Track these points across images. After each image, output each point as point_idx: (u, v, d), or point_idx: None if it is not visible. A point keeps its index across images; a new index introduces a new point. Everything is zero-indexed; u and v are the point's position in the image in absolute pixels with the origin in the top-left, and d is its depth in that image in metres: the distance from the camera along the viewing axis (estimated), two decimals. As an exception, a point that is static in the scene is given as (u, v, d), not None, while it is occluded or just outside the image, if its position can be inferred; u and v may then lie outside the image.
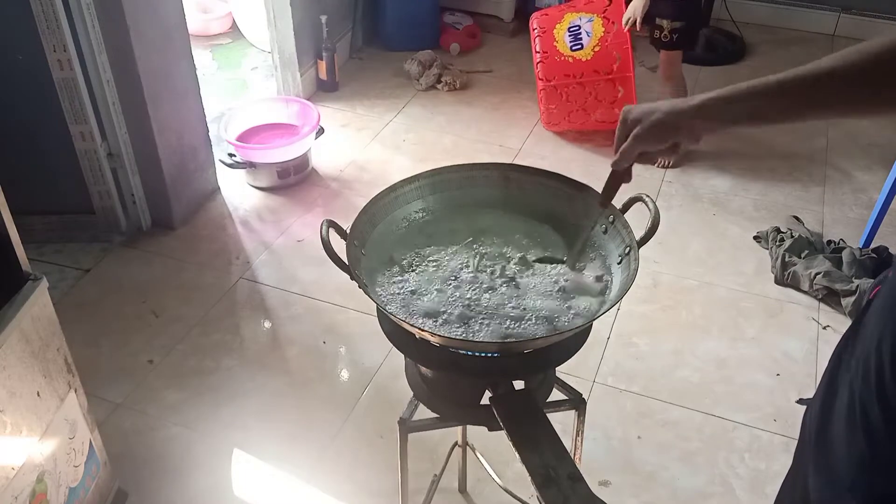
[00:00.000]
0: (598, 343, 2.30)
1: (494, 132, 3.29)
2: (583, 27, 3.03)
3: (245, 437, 2.03)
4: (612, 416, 2.10)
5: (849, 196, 2.96)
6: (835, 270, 2.46)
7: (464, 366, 1.19)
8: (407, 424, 1.32)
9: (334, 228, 1.21)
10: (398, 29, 3.81)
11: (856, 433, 0.82)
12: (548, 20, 3.11)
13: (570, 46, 3.03)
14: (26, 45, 2.20)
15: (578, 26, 3.03)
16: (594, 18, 3.03)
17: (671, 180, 3.00)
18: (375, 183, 2.85)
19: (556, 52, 3.04)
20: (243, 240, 2.70)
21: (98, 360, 2.22)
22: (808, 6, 4.04)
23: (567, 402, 1.36)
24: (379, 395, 2.15)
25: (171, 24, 2.48)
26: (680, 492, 1.92)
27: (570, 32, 3.04)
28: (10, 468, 1.38)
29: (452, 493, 1.92)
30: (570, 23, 3.05)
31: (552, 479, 1.05)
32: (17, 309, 1.36)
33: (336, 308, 2.42)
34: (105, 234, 2.64)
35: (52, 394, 1.49)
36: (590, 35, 3.02)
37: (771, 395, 2.17)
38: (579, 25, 3.03)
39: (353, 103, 3.46)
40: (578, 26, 3.03)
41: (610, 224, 1.27)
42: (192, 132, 2.70)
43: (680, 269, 2.59)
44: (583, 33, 3.02)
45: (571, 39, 3.03)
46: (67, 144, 2.42)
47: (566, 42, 3.03)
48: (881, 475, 0.80)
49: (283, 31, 3.21)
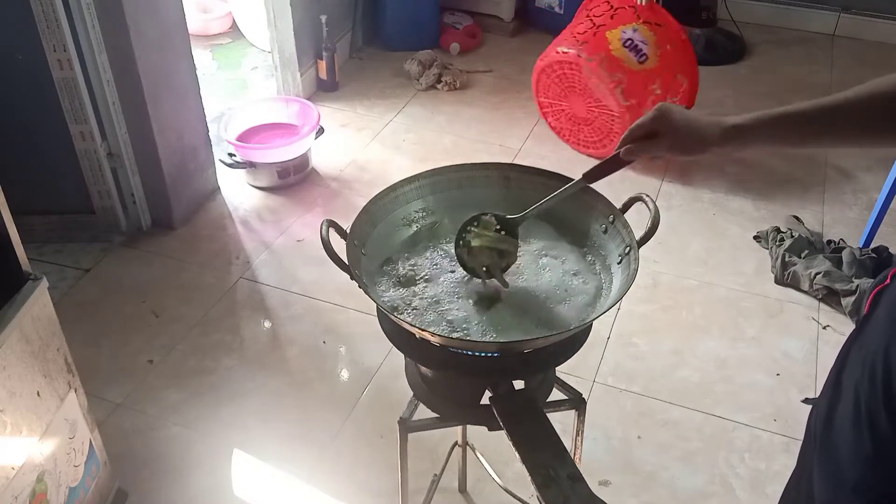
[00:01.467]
0: (598, 343, 2.30)
1: (494, 132, 3.29)
2: (634, 38, 2.95)
3: (245, 437, 2.03)
4: (612, 416, 2.10)
5: (849, 196, 2.96)
6: (835, 270, 2.46)
7: (464, 366, 1.19)
8: (407, 424, 1.32)
9: (334, 228, 1.21)
10: (398, 29, 3.80)
11: (861, 435, 0.82)
12: (593, 48, 2.92)
13: (638, 60, 2.93)
14: (26, 45, 2.20)
15: (631, 39, 2.94)
16: (637, 26, 2.97)
17: (671, 180, 3.00)
18: (375, 183, 2.85)
19: (629, 70, 2.93)
20: (243, 240, 2.70)
21: (98, 360, 2.22)
22: (808, 6, 4.04)
23: (567, 402, 1.36)
24: (379, 395, 2.15)
25: (171, 24, 2.48)
26: (680, 492, 1.93)
27: (628, 48, 2.93)
28: (10, 468, 1.38)
29: (452, 493, 1.92)
30: (621, 40, 2.94)
31: (552, 479, 1.05)
32: (17, 309, 1.36)
33: (336, 308, 2.42)
34: (105, 234, 2.64)
35: (52, 394, 1.49)
36: (646, 42, 2.96)
37: (771, 395, 2.17)
38: (631, 38, 2.95)
39: (353, 103, 3.46)
40: (631, 39, 2.94)
41: (610, 224, 1.27)
42: (192, 132, 2.70)
43: (680, 269, 2.59)
44: (638, 44, 2.95)
45: (635, 54, 2.94)
46: (67, 144, 2.42)
47: (633, 59, 2.93)
48: (887, 476, 0.80)
49: (283, 30, 3.21)
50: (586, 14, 3.08)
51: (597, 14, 3.03)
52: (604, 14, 3.02)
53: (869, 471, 0.81)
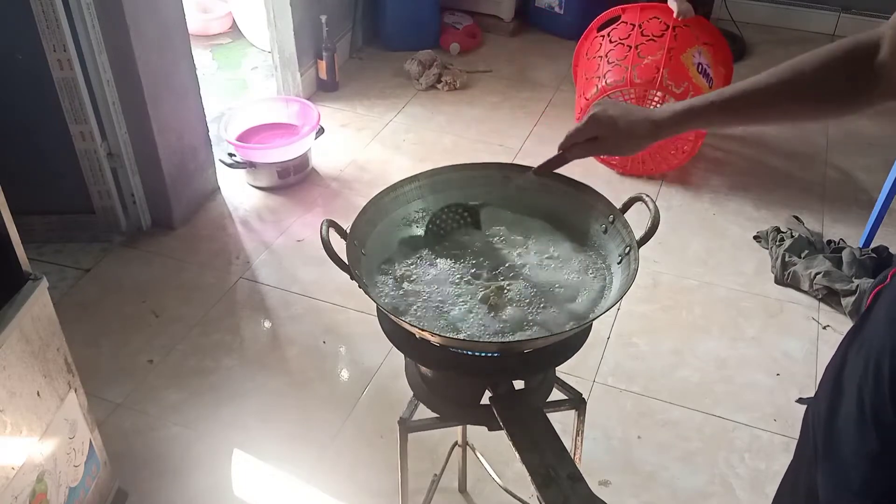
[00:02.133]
0: (598, 343, 2.30)
1: (494, 132, 3.29)
2: (702, 63, 2.91)
3: (245, 437, 2.03)
4: (612, 416, 2.10)
5: (849, 196, 2.96)
6: (835, 270, 2.46)
7: (464, 366, 1.19)
8: (407, 424, 1.32)
9: (334, 228, 1.21)
10: (398, 29, 3.81)
11: (866, 435, 0.82)
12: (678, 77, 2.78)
13: (708, 86, 2.87)
14: (26, 45, 2.20)
15: (700, 63, 2.89)
16: (701, 49, 2.92)
17: (671, 180, 3.00)
18: (375, 183, 2.85)
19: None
20: (243, 240, 2.70)
21: (98, 360, 2.22)
22: (808, 6, 4.04)
23: (567, 401, 1.36)
24: (379, 395, 2.15)
25: (171, 24, 2.48)
26: (680, 492, 1.93)
27: (701, 74, 2.88)
28: (10, 468, 1.38)
29: (452, 493, 1.92)
30: (695, 66, 2.87)
31: (552, 479, 1.05)
32: (17, 309, 1.36)
33: (336, 308, 2.42)
34: (105, 234, 2.64)
35: (52, 394, 1.49)
36: (710, 66, 2.93)
37: (771, 395, 2.17)
38: (700, 62, 2.89)
39: (353, 103, 3.46)
40: (700, 63, 2.89)
41: (610, 224, 1.27)
42: (192, 132, 2.70)
43: (680, 269, 2.59)
44: (706, 68, 2.91)
45: (706, 80, 2.88)
46: (67, 144, 2.42)
47: (706, 85, 2.85)
48: (893, 475, 0.80)
49: (283, 30, 3.21)
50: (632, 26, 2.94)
51: (656, 33, 2.89)
52: (664, 33, 2.87)
53: (875, 470, 0.81)
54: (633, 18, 2.98)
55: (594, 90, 2.87)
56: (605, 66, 2.90)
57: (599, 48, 3.01)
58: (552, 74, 3.70)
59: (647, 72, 2.79)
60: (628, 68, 2.81)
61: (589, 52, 3.11)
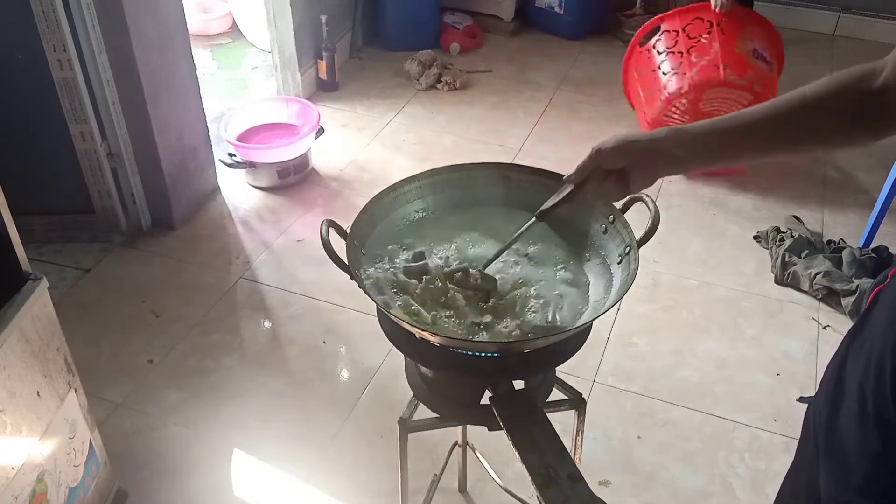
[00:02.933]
0: (598, 343, 2.30)
1: (494, 132, 3.29)
2: (756, 47, 2.89)
3: (245, 437, 2.03)
4: (612, 416, 2.10)
5: (849, 196, 2.96)
6: (835, 270, 2.46)
7: (464, 366, 1.19)
8: (407, 424, 1.32)
9: (334, 228, 1.21)
10: (398, 29, 3.81)
11: (868, 433, 0.83)
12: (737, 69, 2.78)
13: (768, 69, 2.88)
14: (26, 45, 2.20)
15: (755, 49, 2.87)
16: (749, 36, 2.90)
17: (671, 180, 3.00)
18: (375, 183, 2.85)
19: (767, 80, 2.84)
20: (243, 240, 2.70)
21: (98, 360, 2.22)
22: (808, 6, 4.04)
23: (567, 401, 1.36)
24: (379, 395, 2.15)
25: (171, 24, 2.48)
26: (680, 492, 1.93)
27: (758, 58, 2.88)
28: (10, 468, 1.38)
29: (452, 493, 1.92)
30: (750, 53, 2.86)
31: (552, 479, 1.05)
32: (17, 309, 1.36)
33: (336, 308, 2.42)
34: (105, 234, 2.64)
35: (52, 394, 1.49)
36: (763, 49, 2.92)
37: (771, 395, 2.17)
38: (755, 48, 2.87)
39: (353, 103, 3.46)
40: (755, 49, 2.87)
41: (610, 224, 1.27)
42: (192, 132, 2.70)
43: (680, 269, 2.59)
44: (761, 52, 2.90)
45: (765, 64, 2.88)
46: (67, 144, 2.42)
47: (766, 69, 2.86)
48: (895, 473, 0.80)
49: (283, 30, 3.21)
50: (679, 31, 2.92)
51: (702, 33, 2.87)
52: (711, 30, 2.85)
53: (877, 468, 0.82)
54: (674, 25, 2.94)
55: (658, 104, 2.85)
56: (663, 78, 2.87)
57: (650, 62, 2.97)
58: (552, 74, 3.70)
59: (707, 72, 2.77)
60: (686, 74, 2.79)
61: (637, 68, 3.06)
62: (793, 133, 0.98)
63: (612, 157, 1.04)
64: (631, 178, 1.04)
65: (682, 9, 2.98)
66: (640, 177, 1.04)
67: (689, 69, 2.80)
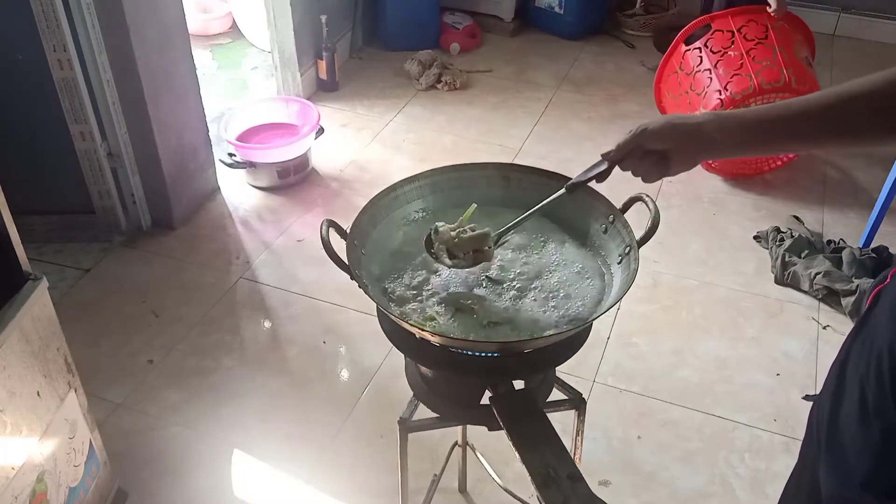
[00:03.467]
0: (598, 343, 2.30)
1: (494, 132, 3.29)
2: (807, 55, 2.89)
3: (245, 437, 2.03)
4: (612, 416, 2.10)
5: (849, 196, 2.96)
6: (835, 270, 2.46)
7: (464, 366, 1.19)
8: (407, 424, 1.32)
9: (334, 228, 1.21)
10: (398, 29, 3.80)
11: (869, 430, 0.83)
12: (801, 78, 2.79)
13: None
14: (26, 45, 2.20)
15: (807, 56, 2.88)
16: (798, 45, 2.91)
17: (671, 180, 3.00)
18: (375, 183, 2.85)
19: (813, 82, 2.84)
20: (243, 240, 2.70)
21: (98, 360, 2.22)
22: (808, 6, 4.04)
23: (567, 401, 1.36)
24: (379, 395, 2.15)
25: (171, 24, 2.48)
26: (680, 492, 1.93)
27: (808, 65, 2.89)
28: (10, 468, 1.38)
29: (452, 493, 1.92)
30: (804, 61, 2.87)
31: (552, 478, 1.05)
32: (17, 309, 1.36)
33: (336, 308, 2.42)
34: (105, 234, 2.64)
35: (52, 394, 1.49)
36: (811, 59, 2.93)
37: (771, 395, 2.17)
38: (806, 56, 2.88)
39: (353, 103, 3.46)
40: (807, 56, 2.88)
41: (610, 224, 1.27)
42: (192, 132, 2.70)
43: (680, 269, 2.59)
44: (810, 60, 2.91)
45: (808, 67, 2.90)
46: (67, 144, 2.42)
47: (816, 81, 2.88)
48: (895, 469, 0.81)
49: (283, 30, 3.21)
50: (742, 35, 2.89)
51: (759, 36, 2.86)
52: (767, 34, 2.85)
53: (877, 464, 0.82)
54: (726, 25, 2.92)
55: (715, 104, 2.81)
56: (722, 78, 2.84)
57: (701, 62, 2.93)
58: (552, 74, 3.70)
59: (772, 75, 2.75)
60: (751, 76, 2.77)
61: (685, 66, 3.01)
62: (839, 127, 0.97)
63: (656, 138, 1.04)
64: (672, 160, 1.04)
65: (732, 10, 2.96)
66: (681, 160, 1.04)
67: (752, 71, 2.78)
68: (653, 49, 3.90)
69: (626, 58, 3.86)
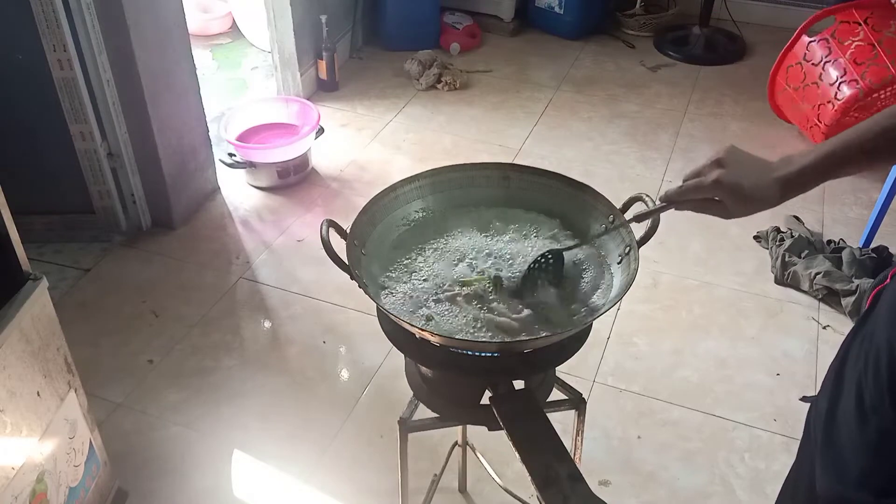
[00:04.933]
0: (598, 343, 2.30)
1: (494, 132, 3.29)
2: None
3: (245, 437, 2.03)
4: (612, 416, 2.10)
5: (849, 196, 2.96)
6: (835, 270, 2.46)
7: (464, 366, 1.19)
8: (407, 424, 1.32)
9: (334, 228, 1.21)
10: (398, 29, 3.80)
11: (865, 427, 0.84)
12: None
13: None
14: (26, 45, 2.20)
15: None
16: None
17: (671, 180, 3.00)
18: (375, 183, 2.85)
19: None
20: (243, 240, 2.70)
21: (98, 360, 2.22)
22: (808, 6, 4.03)
23: (567, 401, 1.36)
24: (379, 395, 2.15)
25: (171, 24, 2.48)
26: (680, 492, 1.93)
27: None
28: (10, 468, 1.38)
29: (452, 493, 1.92)
30: None
31: (552, 479, 1.05)
32: (17, 309, 1.36)
33: (336, 308, 2.42)
34: (105, 233, 2.64)
35: (52, 394, 1.49)
36: None
37: (771, 394, 2.17)
38: None
39: (353, 103, 3.46)
40: None
41: (610, 224, 1.27)
42: (192, 132, 2.70)
43: (680, 269, 2.59)
44: None
45: None
46: (67, 144, 2.42)
47: None
48: (891, 466, 0.81)
49: (283, 30, 3.21)
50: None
51: (886, 27, 2.88)
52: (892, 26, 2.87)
53: (873, 461, 0.82)
54: (850, 17, 2.92)
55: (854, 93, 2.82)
56: (856, 68, 2.84)
57: (830, 52, 2.92)
58: (552, 74, 3.70)
59: None
60: (888, 65, 2.77)
61: (809, 57, 3.00)
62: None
63: (724, 194, 1.03)
64: (731, 210, 1.04)
65: (855, 2, 2.96)
66: (740, 212, 1.04)
67: (888, 60, 2.79)
68: (653, 49, 3.91)
69: (626, 58, 3.86)
